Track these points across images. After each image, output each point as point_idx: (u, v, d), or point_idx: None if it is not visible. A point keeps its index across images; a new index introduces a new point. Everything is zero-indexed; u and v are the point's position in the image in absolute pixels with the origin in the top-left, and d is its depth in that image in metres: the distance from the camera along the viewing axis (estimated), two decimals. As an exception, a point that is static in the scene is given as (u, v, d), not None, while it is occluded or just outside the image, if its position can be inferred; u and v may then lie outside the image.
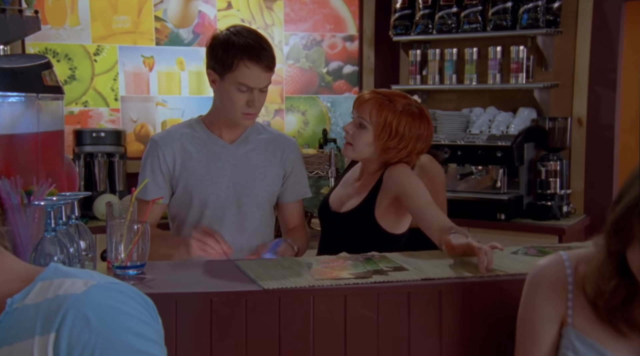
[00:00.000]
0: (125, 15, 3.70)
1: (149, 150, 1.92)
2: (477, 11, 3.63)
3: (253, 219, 1.92)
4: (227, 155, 1.90)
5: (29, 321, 0.91)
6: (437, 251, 1.68)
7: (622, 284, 1.10)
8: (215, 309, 1.31)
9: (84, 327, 0.88)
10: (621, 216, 1.06)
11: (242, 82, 1.78)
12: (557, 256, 1.24)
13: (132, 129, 3.76)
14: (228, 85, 1.81)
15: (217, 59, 1.80)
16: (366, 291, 1.37)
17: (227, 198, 1.89)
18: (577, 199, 3.52)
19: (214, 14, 3.88)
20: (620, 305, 1.11)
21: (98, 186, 3.40)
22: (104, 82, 3.69)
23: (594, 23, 3.47)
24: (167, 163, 1.88)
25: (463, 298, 1.40)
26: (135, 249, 1.43)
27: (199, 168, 1.88)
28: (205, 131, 1.92)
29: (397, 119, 1.83)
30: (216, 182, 1.88)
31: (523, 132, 3.39)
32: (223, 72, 1.80)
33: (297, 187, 2.00)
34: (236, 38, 1.80)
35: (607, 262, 1.12)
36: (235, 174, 1.90)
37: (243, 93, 1.80)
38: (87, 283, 0.93)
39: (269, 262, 1.57)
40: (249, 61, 1.77)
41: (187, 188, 1.88)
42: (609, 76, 3.48)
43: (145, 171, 1.89)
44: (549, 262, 1.24)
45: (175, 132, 1.93)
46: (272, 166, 1.95)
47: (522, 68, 3.52)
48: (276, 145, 1.97)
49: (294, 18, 4.03)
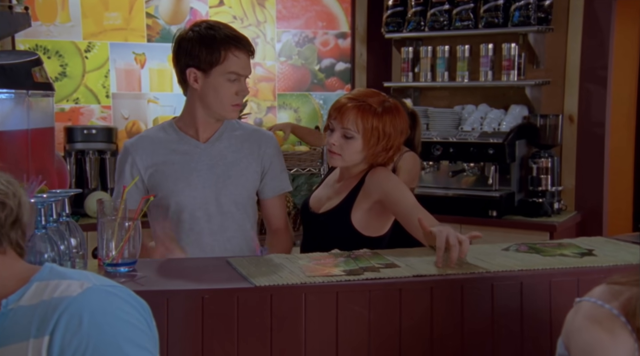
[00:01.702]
0: (116, 12, 3.68)
1: (122, 156, 1.90)
2: (469, 8, 3.64)
3: (234, 218, 1.90)
4: (201, 155, 1.88)
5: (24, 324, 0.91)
6: (429, 248, 1.68)
7: None
8: (207, 306, 1.31)
9: (77, 329, 0.87)
10: None
11: (233, 71, 1.79)
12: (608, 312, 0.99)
13: (124, 126, 3.75)
14: (216, 78, 1.80)
15: (199, 56, 1.79)
16: (358, 288, 1.37)
17: (205, 199, 1.87)
18: (568, 196, 3.54)
19: (205, 11, 3.86)
20: None
21: (89, 183, 3.38)
22: (95, 79, 3.67)
23: (584, 20, 3.48)
24: (139, 169, 1.87)
25: (454, 295, 1.40)
26: (126, 247, 1.43)
27: (173, 172, 1.86)
28: (177, 132, 1.91)
29: (381, 121, 1.81)
30: (191, 184, 1.86)
31: (515, 130, 3.40)
32: (209, 67, 1.79)
33: (276, 182, 1.97)
34: (214, 32, 1.80)
35: None
36: (212, 174, 1.87)
37: (232, 83, 1.81)
38: (82, 285, 0.92)
39: (260, 259, 1.57)
40: (236, 49, 1.79)
41: (163, 193, 1.85)
42: (599, 73, 3.50)
43: (124, 176, 1.88)
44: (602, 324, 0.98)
45: (147, 137, 1.92)
46: (249, 162, 1.92)
47: (513, 65, 3.53)
48: (252, 141, 1.95)
49: (286, 15, 4.02)
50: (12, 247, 0.99)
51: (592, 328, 0.97)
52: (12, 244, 0.99)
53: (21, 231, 1.02)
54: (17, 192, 1.01)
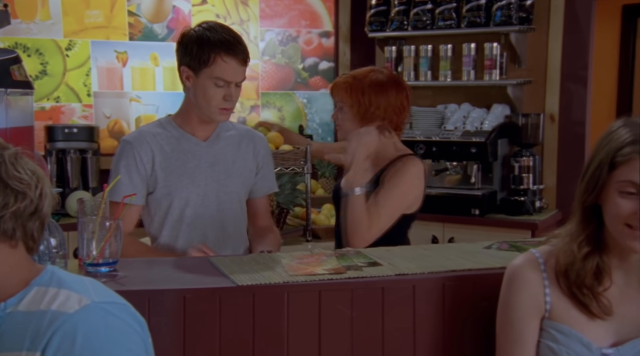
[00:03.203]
0: (97, 10, 3.65)
1: (123, 152, 1.87)
2: (451, 8, 3.65)
3: (232, 215, 1.92)
4: (202, 153, 1.89)
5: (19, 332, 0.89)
6: (412, 246, 1.69)
7: (593, 256, 1.19)
8: (189, 306, 1.30)
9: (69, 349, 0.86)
10: (595, 169, 1.17)
11: (219, 76, 1.79)
12: (529, 254, 1.28)
13: (106, 125, 3.72)
14: (204, 80, 1.80)
15: (191, 56, 1.80)
16: (340, 287, 1.37)
17: (207, 196, 1.88)
18: (549, 195, 3.57)
19: (188, 9, 3.84)
20: (590, 279, 1.19)
21: (70, 182, 3.35)
22: (77, 78, 3.64)
23: (565, 20, 3.52)
24: (143, 164, 1.84)
25: (436, 293, 1.41)
26: (107, 247, 1.42)
27: (177, 168, 1.86)
28: (177, 129, 1.90)
29: (365, 93, 1.97)
30: (195, 180, 1.86)
31: (497, 129, 3.43)
32: (199, 68, 1.80)
33: (266, 182, 2.00)
34: (210, 33, 1.80)
35: (580, 227, 1.21)
36: (213, 172, 1.89)
37: (220, 88, 1.80)
38: (81, 301, 0.91)
39: (243, 258, 1.57)
40: (226, 55, 1.78)
41: (166, 188, 1.85)
42: (580, 73, 3.53)
43: (119, 173, 1.85)
44: (522, 261, 1.28)
45: (147, 132, 1.89)
46: (246, 161, 1.95)
47: (495, 65, 3.56)
48: (247, 140, 1.97)
49: (270, 14, 4.01)
50: (26, 239, 0.98)
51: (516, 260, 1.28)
52: (27, 236, 0.98)
53: (39, 223, 1.01)
54: (39, 182, 1.00)
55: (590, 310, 1.20)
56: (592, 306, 1.20)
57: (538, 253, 1.28)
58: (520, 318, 1.25)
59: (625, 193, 1.14)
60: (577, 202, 1.22)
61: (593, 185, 1.18)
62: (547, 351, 1.23)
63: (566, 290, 1.22)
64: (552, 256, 1.25)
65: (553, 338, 1.22)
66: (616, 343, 1.20)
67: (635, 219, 1.13)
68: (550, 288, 1.24)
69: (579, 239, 1.21)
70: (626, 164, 1.13)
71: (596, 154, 1.19)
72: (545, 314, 1.24)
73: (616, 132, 1.17)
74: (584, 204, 1.20)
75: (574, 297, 1.21)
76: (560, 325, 1.22)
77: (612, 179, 1.15)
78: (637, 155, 1.12)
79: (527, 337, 1.24)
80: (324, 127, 4.19)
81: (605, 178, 1.16)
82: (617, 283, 1.21)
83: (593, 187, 1.18)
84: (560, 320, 1.22)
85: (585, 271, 1.19)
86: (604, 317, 1.20)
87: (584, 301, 1.20)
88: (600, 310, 1.19)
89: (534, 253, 1.28)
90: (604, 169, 1.16)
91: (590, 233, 1.20)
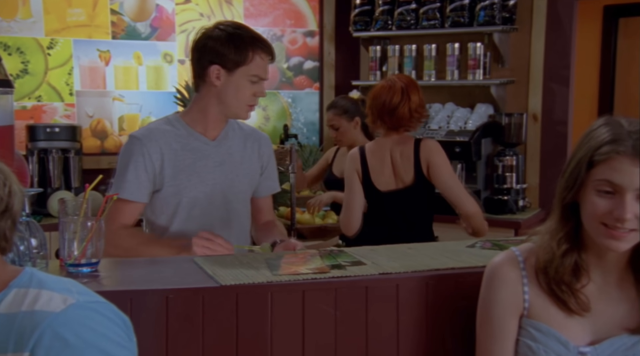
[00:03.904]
0: (79, 8, 3.61)
1: (131, 148, 1.82)
2: (435, 8, 3.67)
3: (239, 215, 1.92)
4: (210, 152, 1.87)
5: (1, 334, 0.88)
6: (396, 245, 1.70)
7: (571, 253, 1.20)
8: (172, 306, 1.29)
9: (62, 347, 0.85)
10: (574, 167, 1.18)
11: (256, 74, 1.81)
12: (509, 252, 1.29)
13: (88, 124, 3.69)
14: (239, 78, 1.81)
15: (226, 55, 1.80)
16: (324, 286, 1.37)
17: (214, 196, 1.87)
18: (532, 194, 3.60)
19: (172, 8, 3.82)
20: (569, 275, 1.20)
21: (52, 182, 3.32)
22: (58, 77, 3.60)
23: (547, 20, 3.55)
24: (152, 161, 1.81)
25: (419, 292, 1.41)
26: (89, 247, 1.40)
27: (185, 167, 1.84)
28: (186, 128, 1.88)
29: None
30: (204, 180, 1.85)
31: (480, 128, 3.45)
32: (235, 66, 1.80)
33: (269, 182, 2.02)
34: (242, 32, 1.82)
35: (559, 225, 1.22)
36: (221, 172, 1.88)
37: (253, 84, 1.82)
38: (65, 301, 0.89)
39: (226, 258, 1.56)
40: (262, 52, 1.81)
41: (175, 187, 1.83)
42: (562, 73, 3.57)
43: (127, 169, 1.80)
44: (501, 259, 1.29)
45: (157, 129, 1.86)
46: (252, 161, 1.95)
47: (479, 64, 3.58)
48: (253, 140, 1.97)
49: (254, 13, 4.00)
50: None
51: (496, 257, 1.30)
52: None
53: (11, 221, 0.98)
54: (7, 180, 0.98)
55: (568, 306, 1.21)
56: (570, 302, 1.21)
57: (518, 251, 1.28)
58: (500, 315, 1.25)
59: (602, 192, 1.14)
60: (557, 199, 1.23)
61: (572, 183, 1.18)
62: (525, 349, 1.24)
63: (545, 287, 1.23)
64: (533, 254, 1.26)
65: (531, 337, 1.23)
66: (593, 341, 1.21)
67: (610, 218, 1.14)
68: (529, 286, 1.25)
69: (558, 237, 1.21)
70: (604, 163, 1.14)
71: (576, 152, 1.20)
72: (524, 312, 1.25)
73: (596, 131, 1.18)
74: (564, 201, 1.21)
75: (553, 294, 1.22)
76: (539, 323, 1.23)
77: (590, 177, 1.16)
78: (615, 154, 1.13)
79: (507, 334, 1.25)
80: (309, 126, 4.19)
81: (584, 176, 1.17)
82: (595, 280, 1.22)
83: (572, 185, 1.18)
84: (539, 318, 1.23)
85: (563, 267, 1.20)
86: (582, 314, 1.21)
87: (563, 298, 1.21)
88: (578, 306, 1.20)
89: (514, 251, 1.29)
90: (583, 167, 1.16)
91: (569, 231, 1.21)
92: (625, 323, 1.21)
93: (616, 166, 1.12)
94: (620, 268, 1.22)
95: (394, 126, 2.35)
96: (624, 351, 1.20)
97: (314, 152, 3.80)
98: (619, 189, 1.13)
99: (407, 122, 2.35)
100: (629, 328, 1.21)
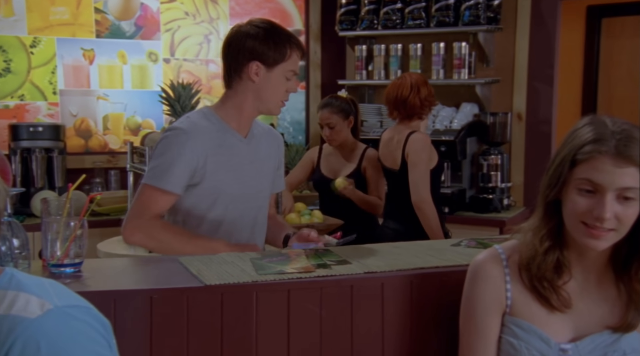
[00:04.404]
0: (63, 7, 3.58)
1: (178, 140, 1.79)
2: (420, 7, 3.68)
3: (262, 211, 1.94)
4: (242, 149, 1.88)
5: None
6: (382, 244, 1.70)
7: (554, 250, 1.22)
8: (156, 307, 1.28)
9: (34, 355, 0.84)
10: (557, 166, 1.19)
11: (292, 69, 1.85)
12: (492, 250, 1.30)
13: (72, 123, 3.65)
14: (277, 75, 1.83)
15: (265, 52, 1.81)
16: (309, 286, 1.37)
17: (247, 192, 1.89)
18: (517, 192, 3.62)
19: (156, 7, 3.80)
20: (550, 272, 1.21)
21: (36, 182, 3.29)
22: (42, 76, 3.57)
23: (532, 20, 3.57)
24: (197, 156, 1.79)
25: (404, 290, 1.42)
26: (72, 247, 1.39)
27: (224, 163, 1.84)
28: (221, 123, 1.87)
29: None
30: (240, 177, 1.87)
31: (465, 127, 3.47)
32: (275, 63, 1.82)
33: (280, 180, 2.06)
34: (278, 29, 1.86)
35: (542, 222, 1.23)
36: (253, 169, 1.90)
37: (288, 81, 1.86)
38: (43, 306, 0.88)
39: (211, 258, 1.56)
40: (298, 50, 1.86)
41: (215, 182, 1.82)
42: (546, 72, 3.59)
43: (171, 160, 1.76)
44: (484, 257, 1.30)
45: (199, 124, 1.84)
46: (271, 159, 1.98)
47: (464, 64, 3.59)
48: (272, 138, 1.99)
49: (240, 12, 3.99)
50: None
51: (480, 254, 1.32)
52: None
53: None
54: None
55: (550, 303, 1.22)
56: (552, 299, 1.22)
57: (501, 249, 1.29)
58: (482, 312, 1.26)
59: (583, 191, 1.15)
60: (540, 197, 1.24)
61: (555, 181, 1.19)
62: (507, 346, 1.25)
63: (527, 283, 1.24)
64: (515, 252, 1.27)
65: (513, 334, 1.24)
66: (574, 338, 1.23)
67: (590, 218, 1.15)
68: (511, 283, 1.25)
69: (540, 234, 1.22)
70: (586, 163, 1.15)
71: (560, 151, 1.21)
72: (506, 309, 1.26)
73: (580, 130, 1.19)
74: (547, 199, 1.22)
75: (535, 290, 1.23)
76: (521, 321, 1.24)
77: (572, 176, 1.17)
78: (597, 154, 1.13)
79: (489, 331, 1.26)
80: (295, 125, 4.18)
81: (567, 174, 1.17)
82: (576, 277, 1.24)
83: (555, 183, 1.19)
84: (521, 315, 1.24)
85: (546, 264, 1.21)
86: (564, 310, 1.22)
87: (545, 294, 1.22)
88: (560, 302, 1.21)
89: (497, 249, 1.30)
90: (566, 166, 1.17)
91: (551, 228, 1.22)
92: (606, 320, 1.22)
93: (598, 165, 1.13)
94: (600, 265, 1.24)
95: (408, 114, 2.81)
96: (605, 348, 1.21)
97: (300, 152, 3.80)
98: (599, 189, 1.14)
99: (420, 110, 2.80)
100: (609, 325, 1.22)
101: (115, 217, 3.20)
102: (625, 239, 1.19)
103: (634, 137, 1.13)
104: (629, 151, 1.12)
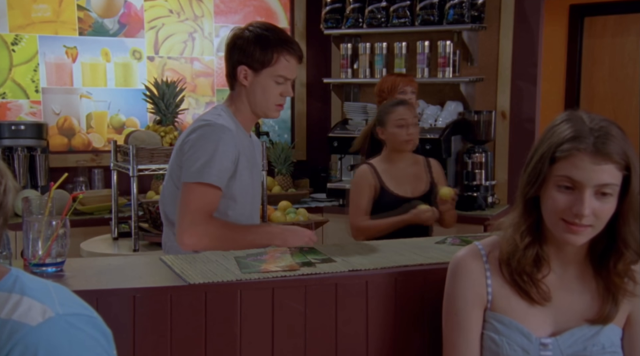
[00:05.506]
0: (45, 4, 3.54)
1: (222, 136, 1.78)
2: (405, 6, 3.69)
3: (258, 208, 2.02)
4: (251, 150, 1.93)
5: None
6: (366, 242, 1.70)
7: (533, 245, 1.23)
8: (139, 306, 1.28)
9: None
10: (536, 163, 1.20)
11: (281, 74, 1.85)
12: (472, 246, 1.31)
13: (55, 122, 3.62)
14: (265, 79, 1.85)
15: (253, 56, 1.83)
16: (294, 284, 1.37)
17: (256, 193, 1.98)
18: (501, 190, 3.65)
19: (140, 4, 3.77)
20: (530, 266, 1.23)
21: (18, 181, 3.25)
22: (24, 73, 3.53)
23: (515, 19, 3.59)
24: (237, 152, 1.82)
25: (388, 288, 1.42)
26: (54, 246, 1.38)
27: (247, 161, 1.88)
28: (237, 123, 1.89)
29: None
30: (253, 177, 1.93)
31: (450, 125, 3.48)
32: (260, 67, 1.84)
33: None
34: (269, 33, 1.85)
35: (522, 218, 1.24)
36: (257, 171, 1.99)
37: (279, 85, 1.86)
38: (44, 313, 0.87)
39: (195, 256, 1.55)
40: (288, 54, 1.85)
41: (246, 178, 1.87)
42: (530, 71, 3.62)
43: (218, 157, 1.75)
44: (464, 253, 1.32)
45: (228, 120, 1.86)
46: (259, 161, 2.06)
47: (449, 62, 3.61)
48: (257, 142, 2.04)
49: (224, 10, 3.97)
50: None
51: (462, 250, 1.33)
52: None
53: (3, 219, 0.96)
54: (3, 178, 0.95)
55: (530, 296, 1.23)
56: (532, 292, 1.23)
57: (481, 245, 1.31)
58: (464, 308, 1.28)
59: (562, 188, 1.17)
60: (519, 193, 1.25)
61: (534, 178, 1.20)
62: (489, 342, 1.26)
63: (508, 278, 1.25)
64: (496, 248, 1.29)
65: (494, 329, 1.25)
66: (555, 332, 1.24)
67: (569, 214, 1.16)
68: (492, 278, 1.27)
69: (520, 230, 1.24)
70: (565, 160, 1.16)
71: (539, 147, 1.22)
72: (487, 305, 1.27)
73: (558, 127, 1.20)
74: (526, 196, 1.23)
75: (515, 284, 1.24)
76: (502, 316, 1.25)
77: (551, 173, 1.18)
78: (576, 151, 1.15)
79: (471, 327, 1.27)
80: (280, 124, 4.18)
81: (546, 171, 1.19)
82: (555, 271, 1.26)
83: (534, 180, 1.20)
84: (502, 311, 1.26)
85: (525, 259, 1.23)
86: (544, 303, 1.24)
87: (525, 288, 1.24)
88: (539, 296, 1.23)
89: (477, 245, 1.32)
90: (545, 163, 1.18)
91: (531, 224, 1.24)
92: (585, 314, 1.24)
93: (577, 162, 1.15)
94: (579, 260, 1.26)
95: None
96: (584, 341, 1.23)
97: (285, 150, 3.80)
98: (578, 186, 1.15)
99: None
100: (589, 318, 1.24)
101: (99, 216, 3.18)
102: (602, 234, 1.20)
103: (611, 135, 1.15)
104: (607, 149, 1.13)
